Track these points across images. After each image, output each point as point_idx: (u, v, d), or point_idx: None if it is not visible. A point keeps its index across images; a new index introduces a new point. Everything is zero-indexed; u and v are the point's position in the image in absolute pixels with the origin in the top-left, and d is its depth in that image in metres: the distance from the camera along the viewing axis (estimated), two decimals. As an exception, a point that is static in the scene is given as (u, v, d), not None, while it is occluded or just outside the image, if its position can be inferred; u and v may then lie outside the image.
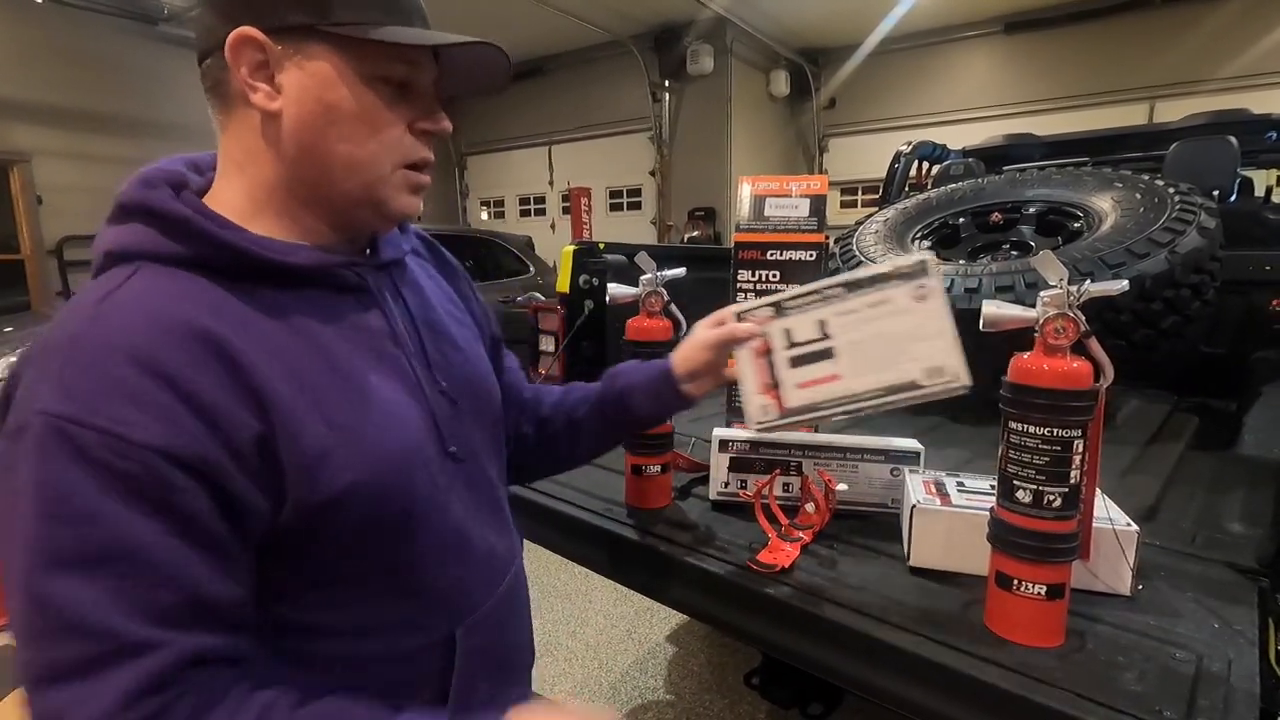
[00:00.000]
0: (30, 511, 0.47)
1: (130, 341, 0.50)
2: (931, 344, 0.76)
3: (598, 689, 2.31)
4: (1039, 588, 0.69)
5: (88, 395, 0.48)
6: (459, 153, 11.67)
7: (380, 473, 0.60)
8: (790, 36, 9.05)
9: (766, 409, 0.84)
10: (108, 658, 0.46)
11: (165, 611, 0.48)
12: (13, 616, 0.48)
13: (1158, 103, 7.52)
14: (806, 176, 1.14)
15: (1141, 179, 1.71)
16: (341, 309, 0.64)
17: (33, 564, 0.47)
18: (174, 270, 0.57)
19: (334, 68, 0.59)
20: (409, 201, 0.66)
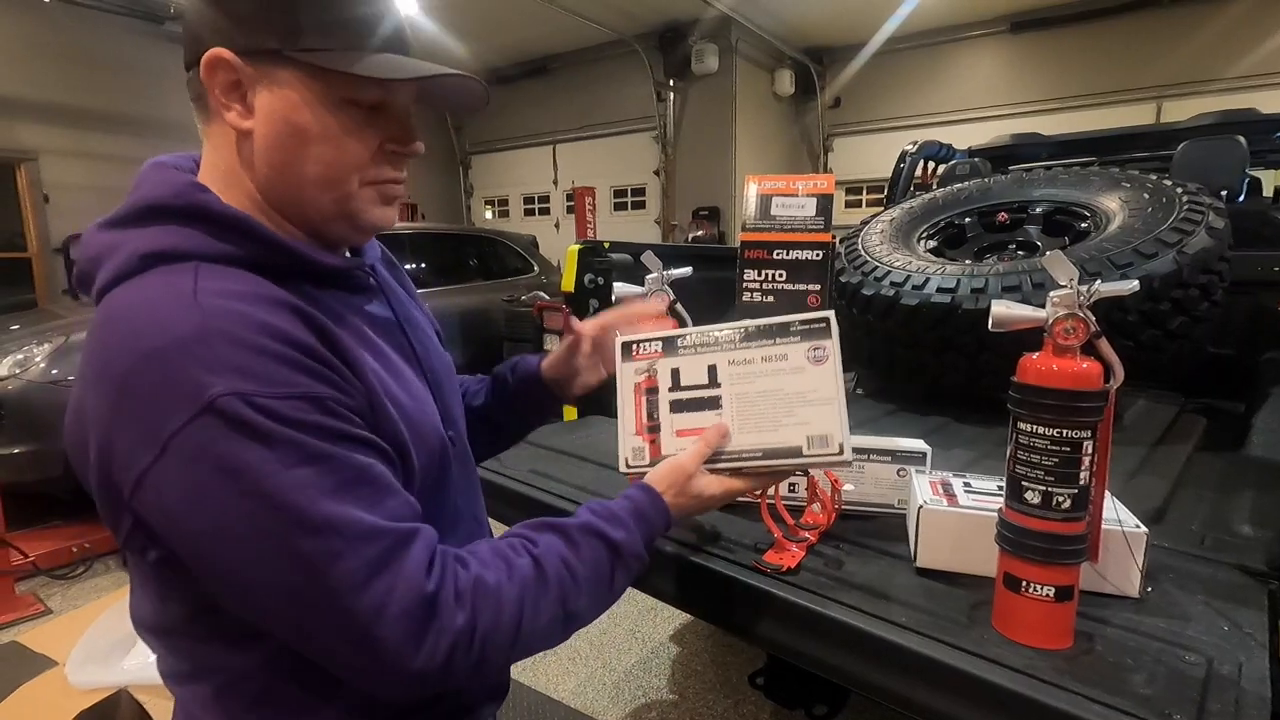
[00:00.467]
0: (278, 467, 0.52)
1: (261, 320, 0.55)
2: (820, 410, 0.73)
3: (601, 688, 2.31)
4: (1047, 589, 0.69)
5: (259, 370, 0.53)
6: (463, 152, 11.68)
7: (425, 443, 0.68)
8: (795, 35, 9.04)
9: (639, 453, 0.80)
10: (395, 547, 0.56)
11: (400, 512, 0.58)
12: (278, 564, 0.53)
13: (1165, 102, 7.49)
14: (813, 175, 1.14)
15: (1149, 179, 1.70)
16: (357, 304, 0.71)
17: (304, 504, 0.53)
18: (226, 268, 0.59)
19: (303, 92, 0.61)
20: (381, 213, 0.69)
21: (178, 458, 0.51)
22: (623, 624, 2.70)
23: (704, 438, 0.75)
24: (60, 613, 2.72)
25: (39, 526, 3.21)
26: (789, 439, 0.74)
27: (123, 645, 1.91)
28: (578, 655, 2.50)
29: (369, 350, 0.66)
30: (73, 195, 6.86)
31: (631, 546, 0.70)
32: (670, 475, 0.73)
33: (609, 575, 0.69)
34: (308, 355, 0.57)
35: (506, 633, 0.60)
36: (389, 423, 0.63)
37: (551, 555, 0.65)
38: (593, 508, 0.72)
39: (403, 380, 0.69)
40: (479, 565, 0.61)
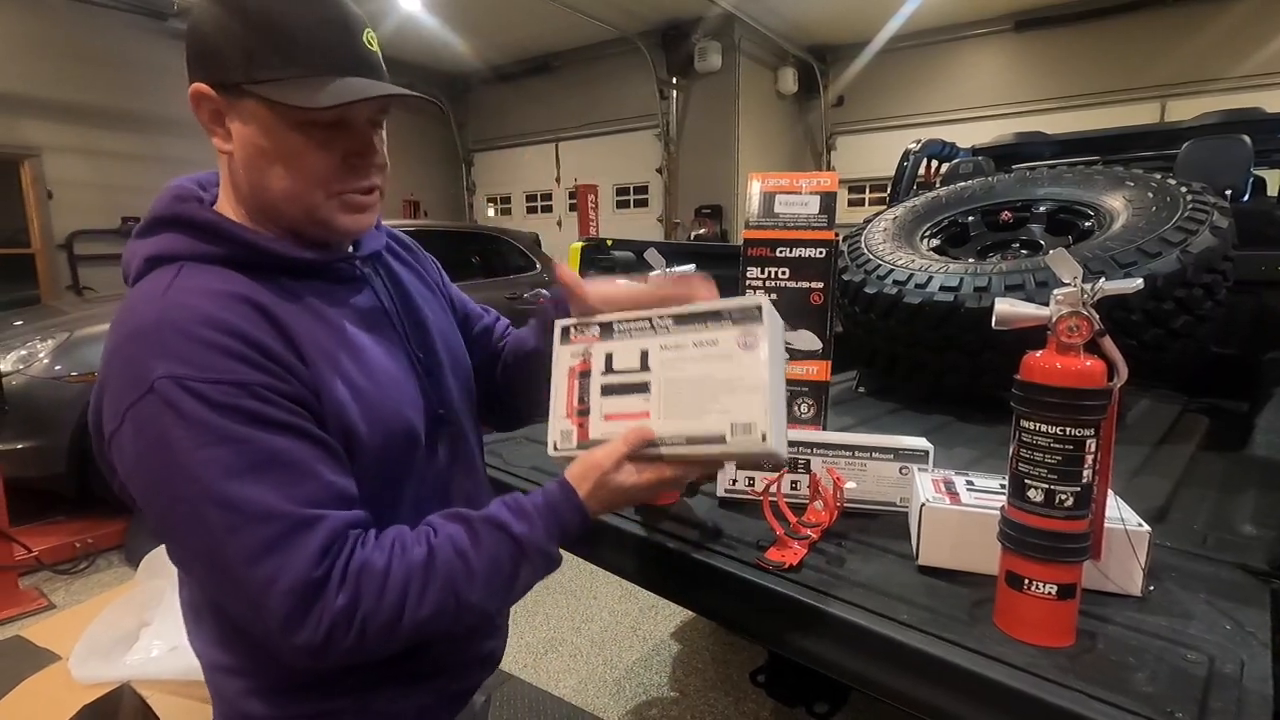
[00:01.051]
0: (192, 445, 0.59)
1: (208, 313, 0.63)
2: (745, 398, 0.70)
3: (602, 685, 2.32)
4: (1050, 587, 0.69)
5: (195, 357, 0.61)
6: (466, 149, 11.69)
7: (386, 426, 0.73)
8: (798, 34, 9.03)
9: (567, 435, 0.79)
10: (291, 532, 0.61)
11: (313, 497, 0.63)
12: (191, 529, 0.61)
13: (1169, 101, 7.47)
14: (817, 173, 1.13)
15: (1153, 178, 1.70)
16: (341, 295, 0.78)
17: (213, 479, 0.59)
18: (210, 266, 0.69)
19: (264, 118, 0.68)
20: (352, 220, 0.75)
21: (131, 426, 0.61)
22: (624, 621, 2.70)
23: (624, 438, 0.73)
24: (63, 607, 2.73)
25: (42, 521, 3.22)
26: (711, 426, 0.71)
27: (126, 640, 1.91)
28: (579, 652, 2.51)
29: (334, 338, 0.72)
30: (76, 191, 6.87)
31: (535, 541, 0.70)
32: (585, 470, 0.73)
33: (509, 568, 0.70)
34: (247, 345, 0.63)
35: (388, 615, 0.63)
36: (336, 406, 0.69)
37: (447, 545, 0.67)
38: (505, 500, 0.73)
39: (369, 365, 0.74)
40: (375, 549, 0.65)
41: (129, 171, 7.03)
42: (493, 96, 10.99)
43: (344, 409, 0.69)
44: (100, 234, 6.94)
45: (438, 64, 10.34)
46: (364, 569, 0.63)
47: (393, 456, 0.75)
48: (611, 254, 1.84)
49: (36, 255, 6.89)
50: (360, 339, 0.76)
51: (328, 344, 0.71)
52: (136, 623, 1.98)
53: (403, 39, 8.79)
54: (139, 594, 2.03)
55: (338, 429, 0.69)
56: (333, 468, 0.66)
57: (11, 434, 3.00)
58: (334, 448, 0.68)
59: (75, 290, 6.88)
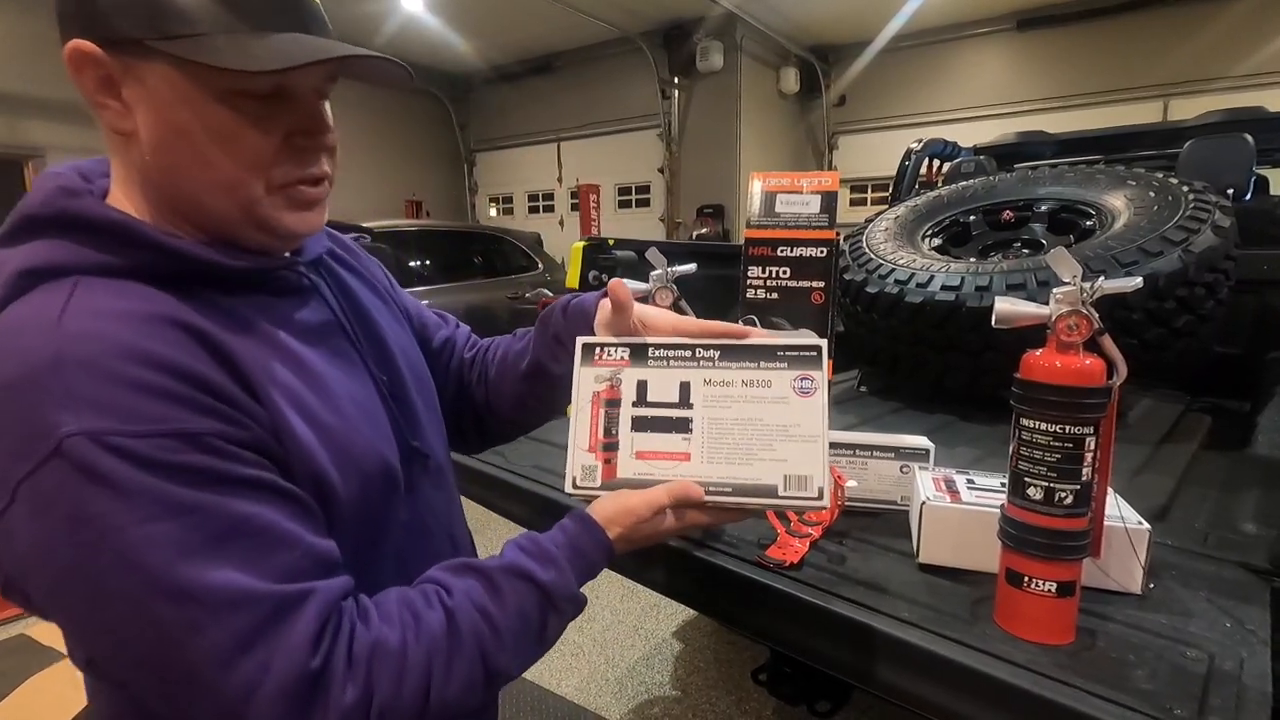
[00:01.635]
0: (125, 522, 0.45)
1: (126, 344, 0.48)
2: (802, 448, 0.66)
3: (604, 684, 2.32)
4: (1050, 585, 0.69)
5: (118, 404, 0.46)
6: (468, 149, 11.70)
7: (362, 469, 0.61)
8: (800, 33, 9.03)
9: (590, 472, 0.69)
10: (275, 615, 0.48)
11: (293, 568, 0.50)
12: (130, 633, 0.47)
13: (1172, 100, 7.46)
14: (818, 173, 1.14)
15: (1155, 177, 1.70)
16: (285, 310, 0.63)
17: (161, 563, 0.46)
18: (115, 281, 0.53)
19: (177, 86, 0.52)
20: (301, 220, 0.60)
21: (27, 506, 0.45)
22: (626, 620, 2.71)
23: (669, 490, 0.65)
24: (68, 606, 2.74)
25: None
26: (763, 475, 0.66)
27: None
28: (581, 651, 2.51)
29: (288, 366, 0.58)
30: (80, 192, 6.88)
31: (564, 589, 0.60)
32: (618, 514, 0.64)
33: (538, 624, 0.59)
34: (186, 382, 0.49)
35: (411, 703, 0.51)
36: (302, 452, 0.55)
37: (467, 606, 0.56)
38: (521, 543, 0.62)
39: (333, 397, 0.61)
40: (382, 623, 0.53)
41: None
42: (495, 97, 11.00)
43: (311, 454, 0.56)
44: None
45: (440, 64, 10.36)
46: (375, 649, 0.51)
47: (372, 503, 0.62)
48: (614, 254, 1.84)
49: (40, 255, 6.91)
50: (317, 364, 0.61)
51: (282, 374, 0.57)
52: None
53: (405, 39, 8.80)
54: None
55: (306, 478, 0.55)
56: (310, 527, 0.53)
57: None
58: (307, 502, 0.55)
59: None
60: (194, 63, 0.51)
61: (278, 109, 0.56)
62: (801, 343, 0.68)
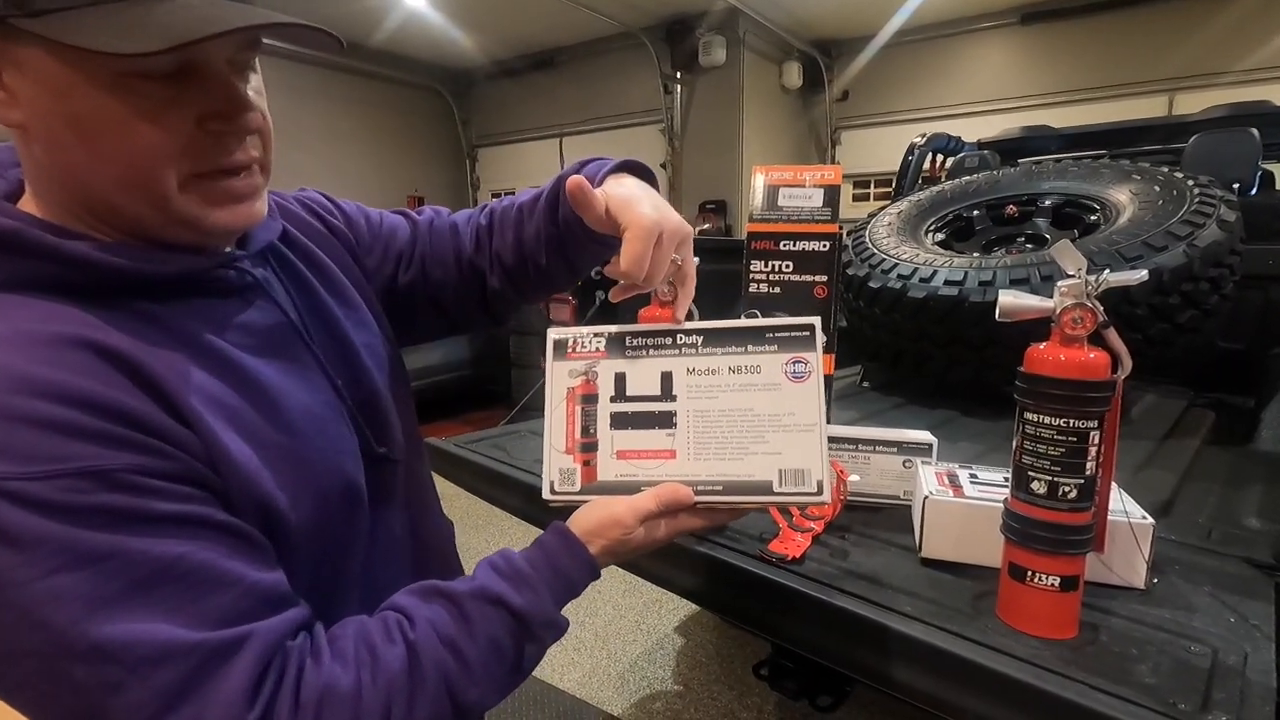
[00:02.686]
0: (28, 576, 0.40)
1: (19, 373, 0.43)
2: (796, 438, 0.60)
3: (606, 678, 2.33)
4: (1053, 579, 0.69)
5: (13, 445, 0.41)
6: (470, 144, 11.68)
7: (316, 491, 0.56)
8: (803, 28, 8.99)
9: (568, 475, 0.64)
10: (206, 666, 0.43)
11: (228, 610, 0.45)
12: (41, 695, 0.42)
13: (1177, 95, 7.42)
14: (820, 166, 1.13)
15: (1160, 171, 1.69)
16: (228, 313, 0.56)
17: (71, 619, 0.41)
18: (16, 296, 0.47)
19: (59, 71, 0.45)
20: (230, 214, 0.53)
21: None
22: (628, 615, 2.71)
23: (656, 495, 0.59)
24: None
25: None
26: (757, 471, 0.61)
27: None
28: (583, 646, 2.52)
29: (227, 381, 0.52)
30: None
31: (541, 614, 0.55)
32: (601, 525, 0.59)
33: (512, 652, 0.54)
34: (94, 413, 0.43)
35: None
36: (243, 477, 0.50)
37: (431, 639, 0.51)
38: (495, 563, 0.57)
39: (282, 411, 0.55)
40: (334, 662, 0.48)
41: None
42: (496, 92, 10.97)
43: (254, 479, 0.50)
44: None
45: (441, 60, 10.33)
46: (325, 696, 0.46)
47: (331, 525, 0.57)
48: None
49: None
50: (264, 374, 0.55)
51: (219, 391, 0.51)
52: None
53: (406, 35, 8.78)
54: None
55: (250, 504, 0.50)
56: (253, 561, 0.48)
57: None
58: (248, 534, 0.49)
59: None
60: (69, 46, 0.43)
61: (184, 90, 0.48)
62: (792, 323, 0.63)
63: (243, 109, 0.50)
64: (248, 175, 0.54)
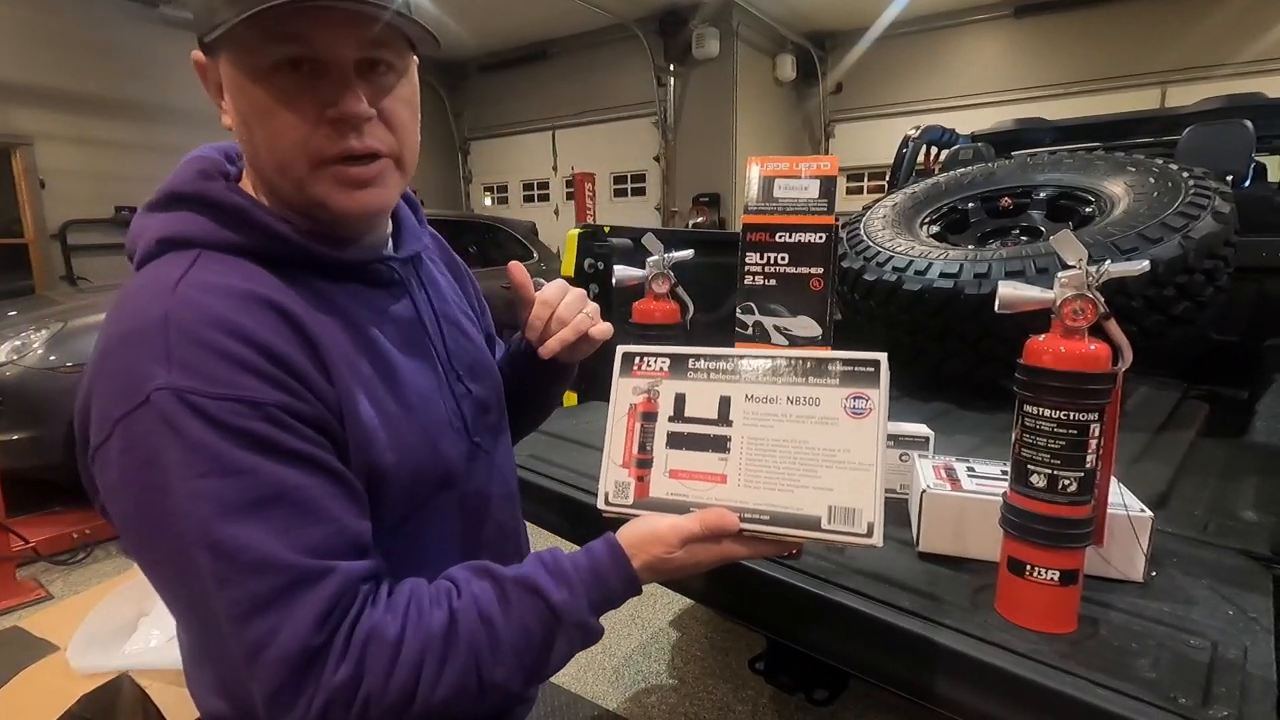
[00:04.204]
0: (186, 473, 0.50)
1: (223, 316, 0.54)
2: (850, 477, 0.59)
3: (600, 672, 2.32)
4: (1052, 573, 0.68)
5: (204, 367, 0.52)
6: (462, 138, 11.61)
7: (418, 458, 0.64)
8: (797, 20, 8.96)
9: (623, 488, 0.66)
10: (291, 587, 0.51)
11: (321, 544, 0.53)
12: (177, 571, 0.52)
13: (1170, 88, 7.44)
14: (817, 157, 1.12)
15: (1155, 163, 1.69)
16: (377, 301, 0.68)
17: (205, 516, 0.50)
18: (231, 257, 0.59)
19: (232, 73, 0.58)
20: (350, 199, 0.61)
21: (120, 441, 0.52)
22: (623, 610, 2.71)
23: (702, 520, 0.61)
24: (61, 598, 2.73)
25: (39, 512, 3.21)
26: (806, 505, 0.60)
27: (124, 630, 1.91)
28: (578, 640, 2.51)
29: (367, 353, 0.63)
30: (69, 181, 6.80)
31: (574, 613, 0.59)
32: (644, 541, 0.61)
33: (541, 642, 0.58)
34: (266, 357, 0.54)
35: (396, 696, 0.53)
36: (362, 435, 0.59)
37: (471, 611, 0.57)
38: (544, 558, 0.62)
39: (402, 387, 0.65)
40: (387, 612, 0.54)
41: (122, 161, 6.96)
42: (489, 84, 10.91)
43: (371, 437, 0.60)
44: (94, 224, 6.88)
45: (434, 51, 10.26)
46: (371, 637, 0.53)
47: (424, 492, 0.66)
48: (609, 241, 1.82)
49: (30, 245, 6.83)
50: (395, 355, 0.66)
51: (359, 361, 0.61)
52: (135, 613, 1.97)
53: (398, 26, 8.72)
54: (137, 584, 2.03)
55: (361, 460, 0.59)
56: (349, 508, 0.56)
57: (7, 425, 2.98)
58: (353, 484, 0.58)
59: (69, 280, 6.83)
60: (233, 44, 0.55)
61: (310, 83, 0.57)
62: (857, 357, 0.62)
63: (352, 99, 0.58)
64: (371, 163, 0.61)
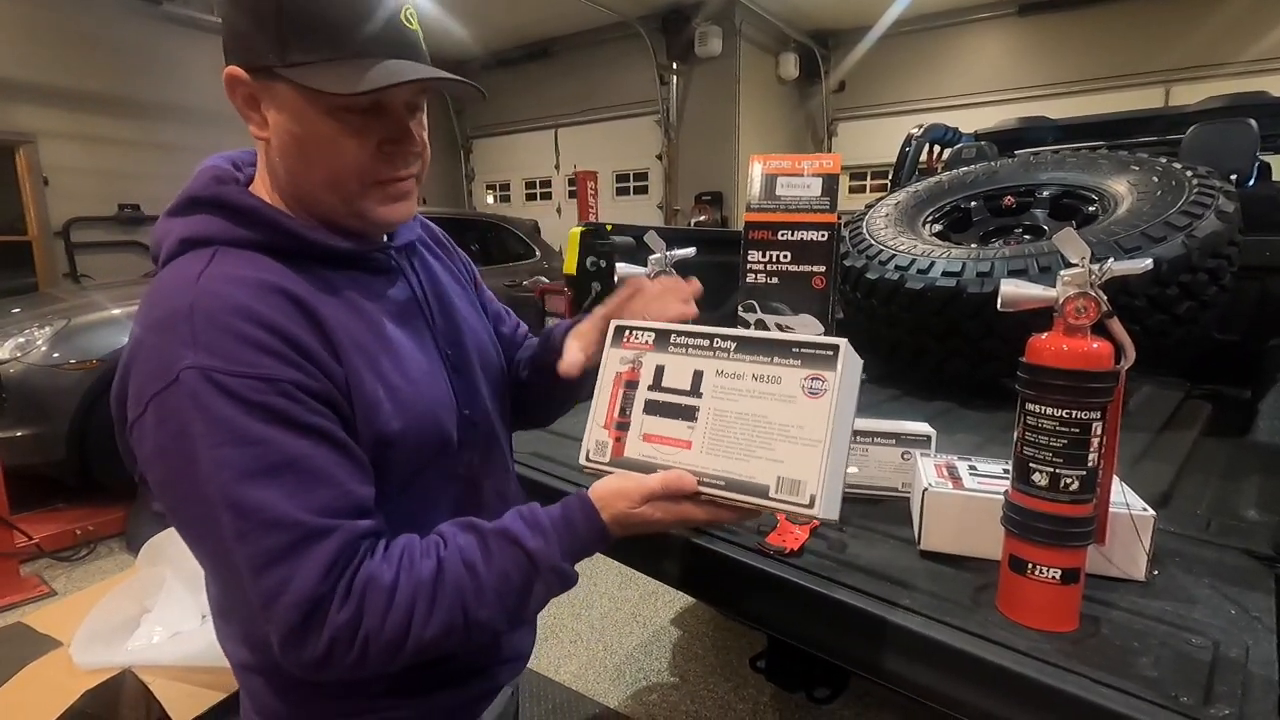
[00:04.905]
0: (210, 443, 0.57)
1: (242, 304, 0.61)
2: (800, 451, 0.63)
3: (602, 670, 2.33)
4: (1054, 572, 0.68)
5: (225, 349, 0.59)
6: (464, 136, 11.61)
7: (420, 425, 0.71)
8: (800, 18, 8.94)
9: (602, 447, 0.73)
10: (300, 542, 0.58)
11: (328, 505, 0.60)
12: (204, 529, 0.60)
13: (1174, 87, 7.42)
14: (819, 155, 1.12)
15: (1158, 162, 1.68)
16: (376, 287, 0.75)
17: (227, 480, 0.57)
18: (245, 252, 0.67)
19: (297, 104, 0.65)
20: (390, 211, 0.71)
21: (154, 417, 0.59)
22: (624, 608, 2.71)
23: (663, 480, 0.67)
24: (65, 594, 2.74)
25: (43, 509, 3.22)
26: (756, 474, 0.64)
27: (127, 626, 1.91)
28: (579, 638, 2.51)
29: (369, 332, 0.70)
30: (72, 178, 6.81)
31: (548, 558, 0.66)
32: (610, 498, 0.68)
33: (520, 585, 0.66)
34: (279, 338, 0.61)
35: (392, 634, 0.60)
36: (368, 406, 0.66)
37: (456, 558, 0.64)
38: (522, 512, 0.69)
39: (403, 362, 0.72)
40: (383, 562, 0.62)
41: (125, 158, 6.97)
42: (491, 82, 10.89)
43: (377, 409, 0.67)
44: (97, 221, 6.89)
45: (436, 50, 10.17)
46: (369, 583, 0.60)
47: (426, 458, 0.73)
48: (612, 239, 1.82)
49: (33, 243, 6.84)
50: (395, 334, 0.73)
51: (363, 339, 0.69)
52: (138, 609, 1.98)
53: (400, 24, 8.71)
54: (140, 581, 2.03)
55: (368, 431, 0.66)
56: (353, 474, 0.63)
57: (11, 421, 2.99)
58: (357, 454, 0.65)
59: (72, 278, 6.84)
60: (309, 88, 0.63)
61: (373, 121, 0.67)
62: (819, 341, 0.66)
63: (410, 138, 0.70)
64: (408, 183, 0.72)
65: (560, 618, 2.65)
